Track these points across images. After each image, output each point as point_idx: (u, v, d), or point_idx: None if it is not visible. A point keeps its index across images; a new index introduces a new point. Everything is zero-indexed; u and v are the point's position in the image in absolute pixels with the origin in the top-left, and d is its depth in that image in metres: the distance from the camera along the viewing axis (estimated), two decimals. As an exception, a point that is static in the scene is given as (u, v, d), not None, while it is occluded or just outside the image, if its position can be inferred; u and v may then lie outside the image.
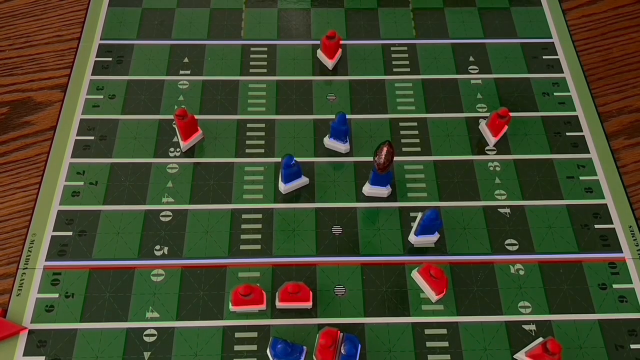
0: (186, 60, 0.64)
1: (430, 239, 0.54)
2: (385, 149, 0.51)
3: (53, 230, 0.53)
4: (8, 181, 0.57)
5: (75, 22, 0.68)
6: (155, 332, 0.49)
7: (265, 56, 0.65)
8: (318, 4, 0.69)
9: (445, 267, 0.52)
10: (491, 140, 0.59)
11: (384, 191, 0.56)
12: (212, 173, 0.57)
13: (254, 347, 0.48)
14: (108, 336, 0.48)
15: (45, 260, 0.52)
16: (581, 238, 0.54)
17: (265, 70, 0.64)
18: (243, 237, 0.53)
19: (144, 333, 0.49)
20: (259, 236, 0.54)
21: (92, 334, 0.48)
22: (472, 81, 0.64)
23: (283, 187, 0.55)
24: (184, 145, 0.58)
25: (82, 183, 0.56)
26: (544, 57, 0.66)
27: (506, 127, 0.58)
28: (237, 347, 0.48)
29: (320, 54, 0.64)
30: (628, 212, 0.56)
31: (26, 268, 0.51)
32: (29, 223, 0.54)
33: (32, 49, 0.66)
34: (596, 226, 0.55)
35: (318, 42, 0.66)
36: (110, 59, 0.64)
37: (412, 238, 0.54)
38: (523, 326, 0.50)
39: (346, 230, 0.54)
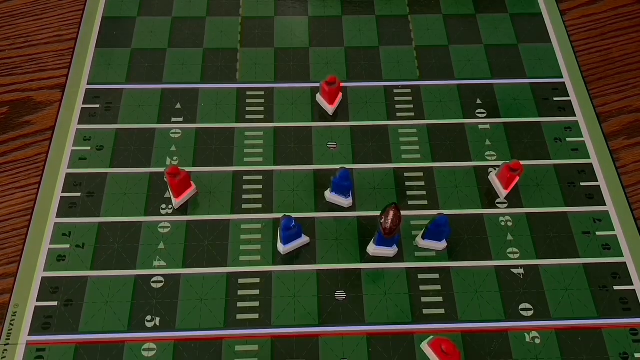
0: (179, 106, 0.61)
1: (437, 246, 0.52)
2: (392, 212, 0.48)
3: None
4: (8, 181, 0.56)
5: (74, 22, 0.67)
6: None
7: (262, 100, 0.62)
8: (317, 44, 0.66)
9: (456, 335, 0.49)
10: (502, 192, 0.56)
11: (390, 252, 0.52)
12: (206, 232, 0.54)
13: None
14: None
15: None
16: (600, 301, 0.51)
17: (262, 117, 0.61)
18: (240, 305, 0.50)
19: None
20: (256, 303, 0.50)
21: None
22: (480, 126, 0.61)
23: (282, 249, 0.52)
24: (177, 202, 0.54)
25: (67, 246, 0.52)
26: (554, 98, 0.63)
27: (517, 178, 0.55)
28: None
29: (319, 98, 0.61)
30: (648, 271, 0.53)
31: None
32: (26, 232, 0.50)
33: (31, 48, 0.65)
34: (615, 288, 0.52)
35: (317, 84, 0.63)
36: (98, 106, 0.61)
37: (419, 241, 0.52)
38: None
39: (350, 295, 0.51)
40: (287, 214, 0.52)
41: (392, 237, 0.49)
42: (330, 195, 0.55)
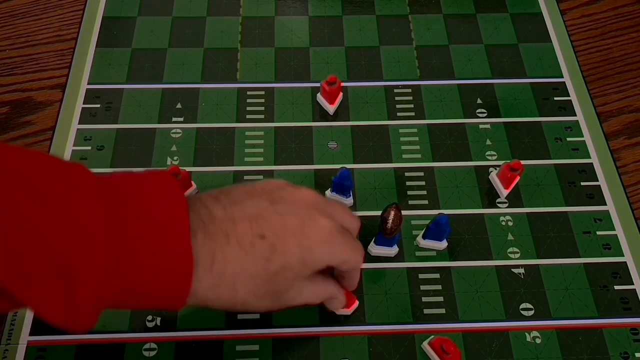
0: (179, 106, 0.61)
1: (438, 245, 0.52)
2: (392, 212, 0.48)
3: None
4: None
5: (75, 21, 0.67)
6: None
7: (263, 100, 0.62)
8: (317, 44, 0.66)
9: (457, 335, 0.49)
10: (502, 192, 0.56)
11: (391, 251, 0.52)
12: (207, 232, 0.53)
13: None
14: None
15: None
16: (600, 301, 0.51)
17: (262, 117, 0.61)
18: (241, 304, 0.50)
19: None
20: (257, 303, 0.50)
21: None
22: (481, 126, 0.61)
23: None
24: None
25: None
26: (555, 98, 0.63)
27: (518, 178, 0.55)
28: None
29: (320, 98, 0.61)
30: (649, 271, 0.53)
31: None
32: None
33: (32, 48, 0.65)
34: (616, 287, 0.52)
35: (317, 84, 0.63)
36: (99, 106, 0.61)
37: (420, 241, 0.52)
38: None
39: (351, 295, 0.51)
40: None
41: (393, 237, 0.49)
42: (330, 195, 0.55)
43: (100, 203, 0.33)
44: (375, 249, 0.52)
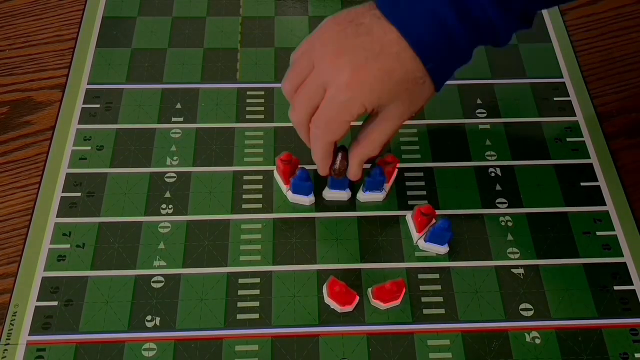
0: (179, 106, 0.61)
1: (439, 249, 0.52)
2: (340, 154, 0.51)
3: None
4: (8, 181, 0.56)
5: (75, 21, 0.67)
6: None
7: (262, 100, 0.62)
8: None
9: (456, 335, 0.49)
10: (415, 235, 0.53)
11: (343, 194, 0.55)
12: (206, 232, 0.53)
13: None
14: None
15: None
16: (600, 301, 0.51)
17: (262, 117, 0.61)
18: (240, 304, 0.50)
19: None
20: (256, 303, 0.50)
21: None
22: (480, 126, 0.61)
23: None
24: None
25: (68, 246, 0.52)
26: (554, 98, 0.63)
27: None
28: None
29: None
30: (649, 271, 0.53)
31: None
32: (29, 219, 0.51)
33: (32, 48, 0.65)
34: (615, 287, 0.52)
35: (317, 84, 0.63)
36: (98, 106, 0.61)
37: (421, 243, 0.52)
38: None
39: (350, 295, 0.51)
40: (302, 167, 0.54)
41: (342, 179, 0.52)
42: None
43: None
44: (329, 194, 0.55)
